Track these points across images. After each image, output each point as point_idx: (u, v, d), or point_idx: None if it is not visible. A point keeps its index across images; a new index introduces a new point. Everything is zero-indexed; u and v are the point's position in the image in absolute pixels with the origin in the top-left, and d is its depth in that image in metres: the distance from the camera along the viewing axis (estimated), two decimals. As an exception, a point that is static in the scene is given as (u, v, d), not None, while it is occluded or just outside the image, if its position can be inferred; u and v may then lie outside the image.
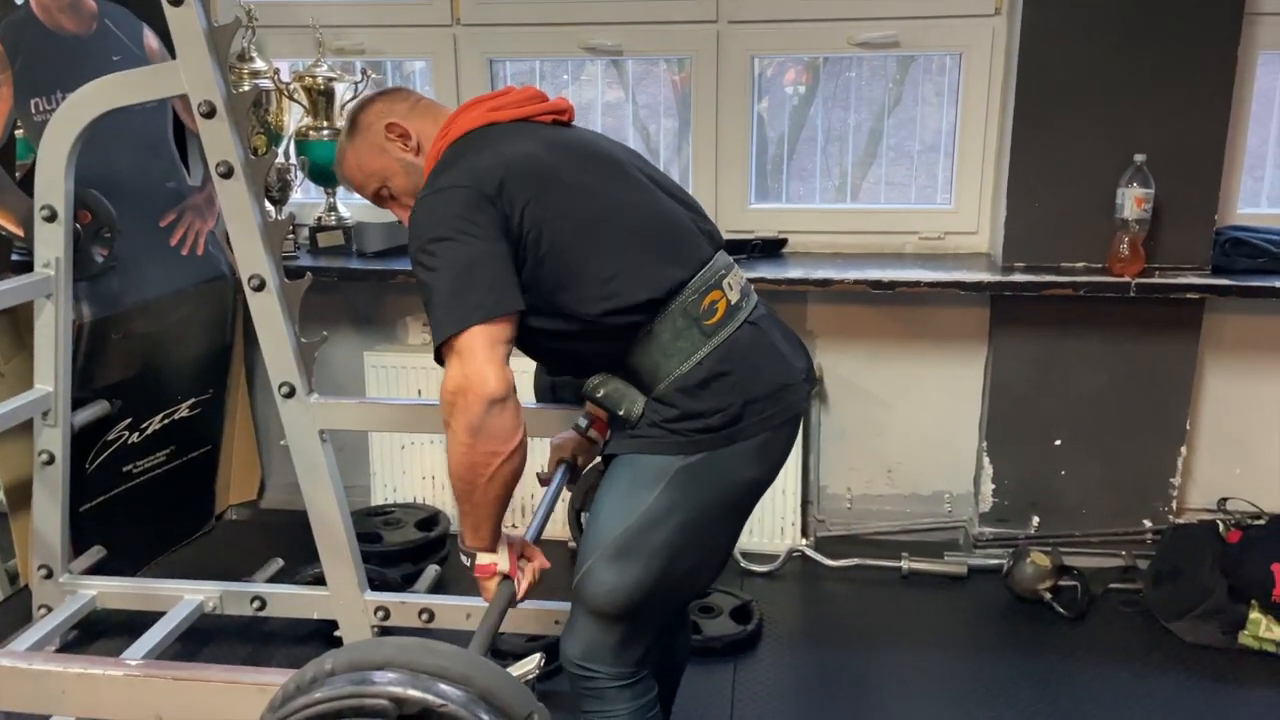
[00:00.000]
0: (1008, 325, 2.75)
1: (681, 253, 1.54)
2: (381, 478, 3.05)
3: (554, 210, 1.47)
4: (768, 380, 1.53)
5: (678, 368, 1.49)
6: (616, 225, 1.51)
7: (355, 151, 1.66)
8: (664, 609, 1.59)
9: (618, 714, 1.55)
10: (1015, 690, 2.30)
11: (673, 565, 1.50)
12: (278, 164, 2.83)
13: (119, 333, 2.50)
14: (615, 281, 1.48)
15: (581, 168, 1.54)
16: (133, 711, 1.34)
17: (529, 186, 1.47)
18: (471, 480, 1.41)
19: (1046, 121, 2.60)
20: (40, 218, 2.16)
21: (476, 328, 1.38)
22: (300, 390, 2.10)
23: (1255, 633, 2.41)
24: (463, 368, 1.37)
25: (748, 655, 2.44)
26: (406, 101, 1.66)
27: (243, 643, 2.49)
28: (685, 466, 1.48)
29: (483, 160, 1.48)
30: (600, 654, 1.53)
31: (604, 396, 1.54)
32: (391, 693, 1.09)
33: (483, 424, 1.36)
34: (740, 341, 1.53)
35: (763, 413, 1.51)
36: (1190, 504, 2.86)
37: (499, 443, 1.38)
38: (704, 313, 1.51)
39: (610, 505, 1.52)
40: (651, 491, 1.48)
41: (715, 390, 1.49)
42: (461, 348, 1.38)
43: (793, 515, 2.87)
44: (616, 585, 1.49)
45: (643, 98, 3.09)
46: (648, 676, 1.59)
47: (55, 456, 2.29)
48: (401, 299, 3.05)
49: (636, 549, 1.49)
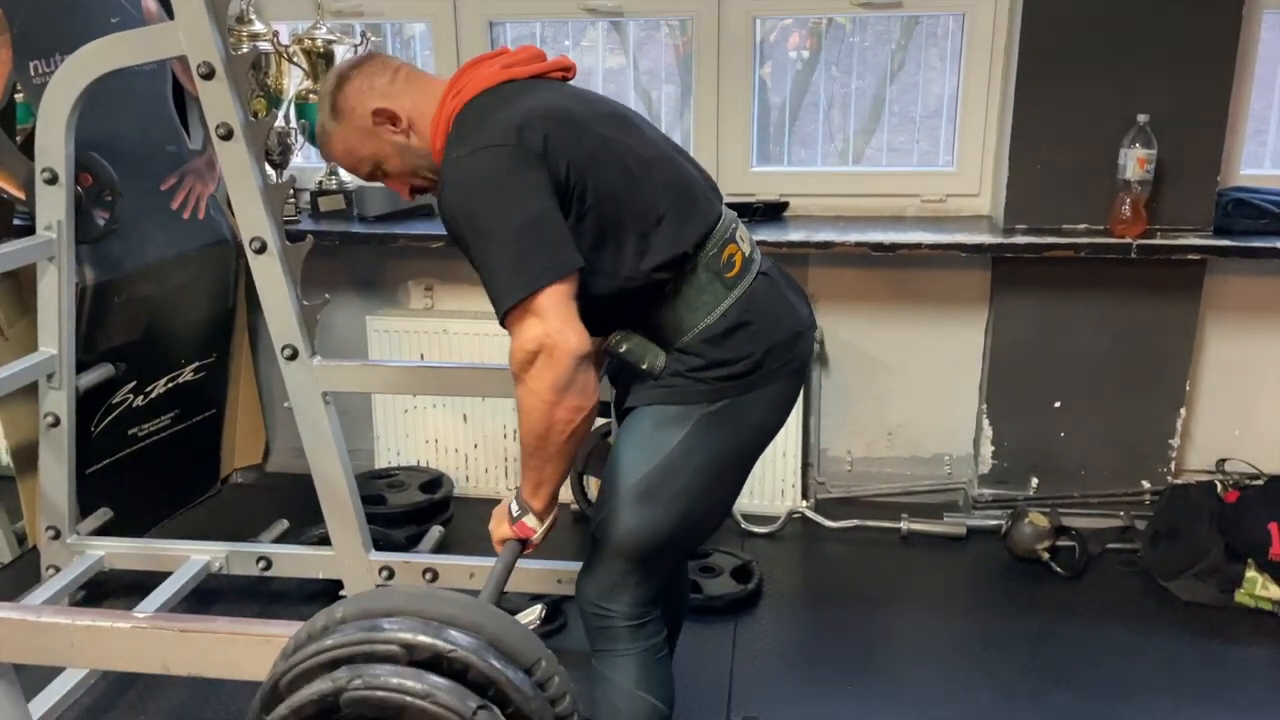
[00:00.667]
0: (1009, 287, 2.75)
1: (700, 208, 1.57)
2: (385, 441, 3.07)
3: (595, 165, 1.47)
4: (785, 328, 1.59)
5: (703, 320, 1.52)
6: (649, 180, 1.52)
7: (343, 137, 1.61)
8: (678, 551, 1.65)
9: (629, 653, 1.59)
10: (1013, 648, 2.33)
11: (692, 508, 1.55)
12: (278, 128, 2.83)
13: (122, 296, 2.50)
14: (651, 236, 1.50)
15: (610, 123, 1.54)
16: (140, 663, 1.36)
17: (571, 141, 1.46)
18: (549, 436, 1.43)
19: (1049, 82, 2.58)
20: (41, 180, 2.16)
21: (550, 287, 1.38)
22: (303, 352, 2.11)
23: (1251, 591, 2.43)
24: (544, 326, 1.37)
25: (748, 614, 2.47)
26: (384, 74, 1.59)
27: (249, 602, 2.52)
28: (708, 413, 1.52)
29: (520, 115, 1.46)
30: (616, 594, 1.57)
31: (626, 352, 1.56)
32: (402, 638, 1.10)
33: (571, 381, 1.38)
34: (758, 292, 1.57)
35: (781, 359, 1.56)
36: (1189, 465, 2.87)
37: (584, 398, 1.40)
38: (724, 265, 1.55)
39: (633, 450, 1.55)
40: (675, 436, 1.52)
41: (739, 339, 1.53)
42: (539, 308, 1.38)
43: (793, 477, 2.89)
44: (639, 527, 1.53)
45: (644, 63, 3.07)
46: (658, 618, 1.63)
47: (60, 419, 2.31)
48: (403, 263, 3.06)
49: (659, 492, 1.53)
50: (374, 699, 1.08)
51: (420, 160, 1.60)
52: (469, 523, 2.80)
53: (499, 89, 1.54)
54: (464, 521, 2.84)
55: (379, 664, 1.10)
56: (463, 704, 1.08)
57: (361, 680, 1.08)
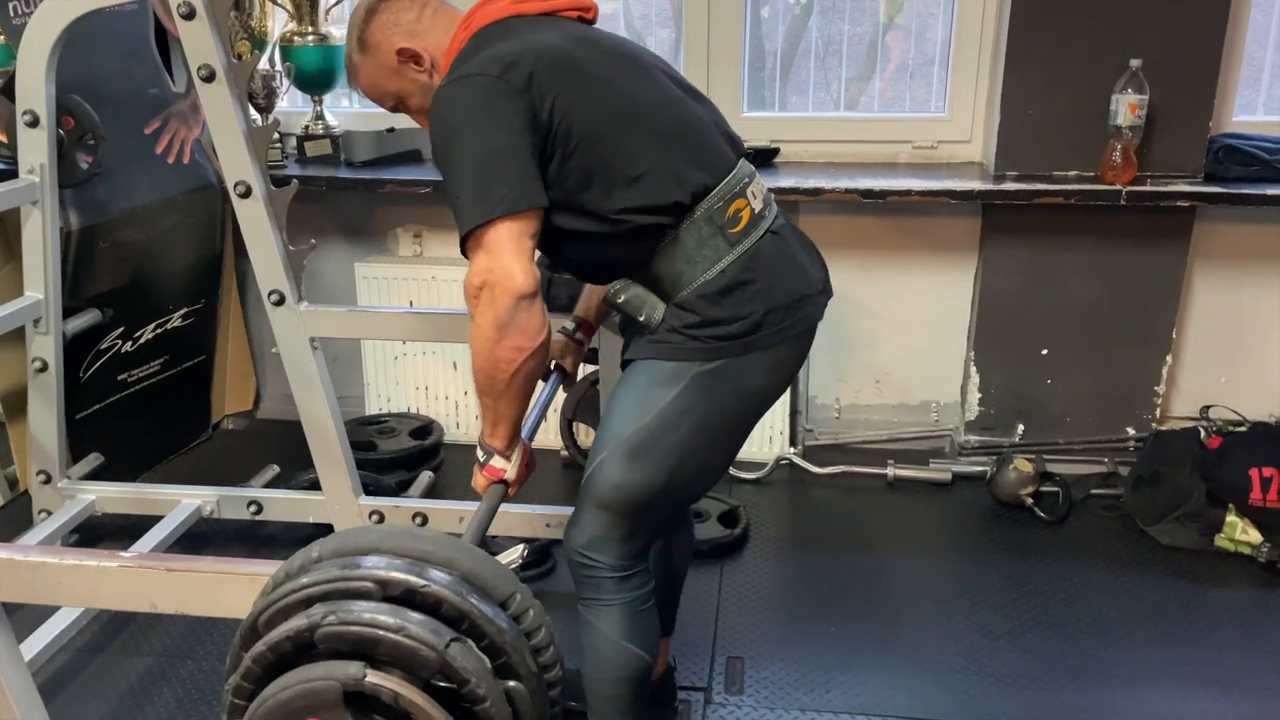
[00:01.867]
0: (998, 234, 2.75)
1: (707, 157, 1.53)
2: (375, 388, 3.08)
3: (583, 104, 1.45)
4: (788, 290, 1.54)
5: (701, 275, 1.50)
6: (645, 123, 1.49)
7: (369, 72, 1.63)
8: (667, 508, 1.63)
9: (614, 603, 1.59)
10: (996, 591, 2.36)
11: (681, 467, 1.53)
12: (262, 70, 2.80)
13: (107, 241, 2.49)
14: (643, 180, 1.47)
15: (610, 64, 1.52)
16: (128, 601, 1.38)
17: (558, 78, 1.44)
18: (493, 375, 1.44)
19: (1042, 28, 2.56)
20: (23, 123, 2.14)
21: (502, 222, 1.38)
22: (290, 298, 2.11)
23: (1231, 535, 2.46)
24: (489, 261, 1.38)
25: (734, 558, 2.50)
26: (412, 9, 1.59)
27: (240, 545, 2.54)
28: (702, 372, 1.50)
29: (509, 49, 1.45)
30: (602, 545, 1.57)
31: (625, 302, 1.55)
32: (376, 575, 1.12)
33: (511, 319, 1.38)
34: (763, 251, 1.53)
35: (781, 322, 1.52)
36: (1174, 412, 2.89)
37: (526, 338, 1.40)
38: (729, 220, 1.51)
39: (626, 404, 1.54)
40: (668, 394, 1.50)
41: (738, 298, 1.49)
42: (488, 241, 1.38)
43: (781, 424, 2.90)
44: (625, 481, 1.52)
45: (638, 8, 3.03)
46: (645, 570, 1.63)
47: (48, 364, 2.32)
48: (392, 209, 3.04)
49: (649, 448, 1.51)
50: (348, 634, 1.10)
51: None
52: (459, 468, 2.82)
53: (503, 23, 1.53)
54: (454, 467, 2.86)
55: (354, 600, 1.12)
56: (436, 637, 1.10)
57: (335, 616, 1.10)
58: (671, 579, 1.90)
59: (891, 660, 2.14)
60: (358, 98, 3.17)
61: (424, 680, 1.13)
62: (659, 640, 1.73)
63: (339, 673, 1.11)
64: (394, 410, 3.08)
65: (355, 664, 1.11)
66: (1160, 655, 2.15)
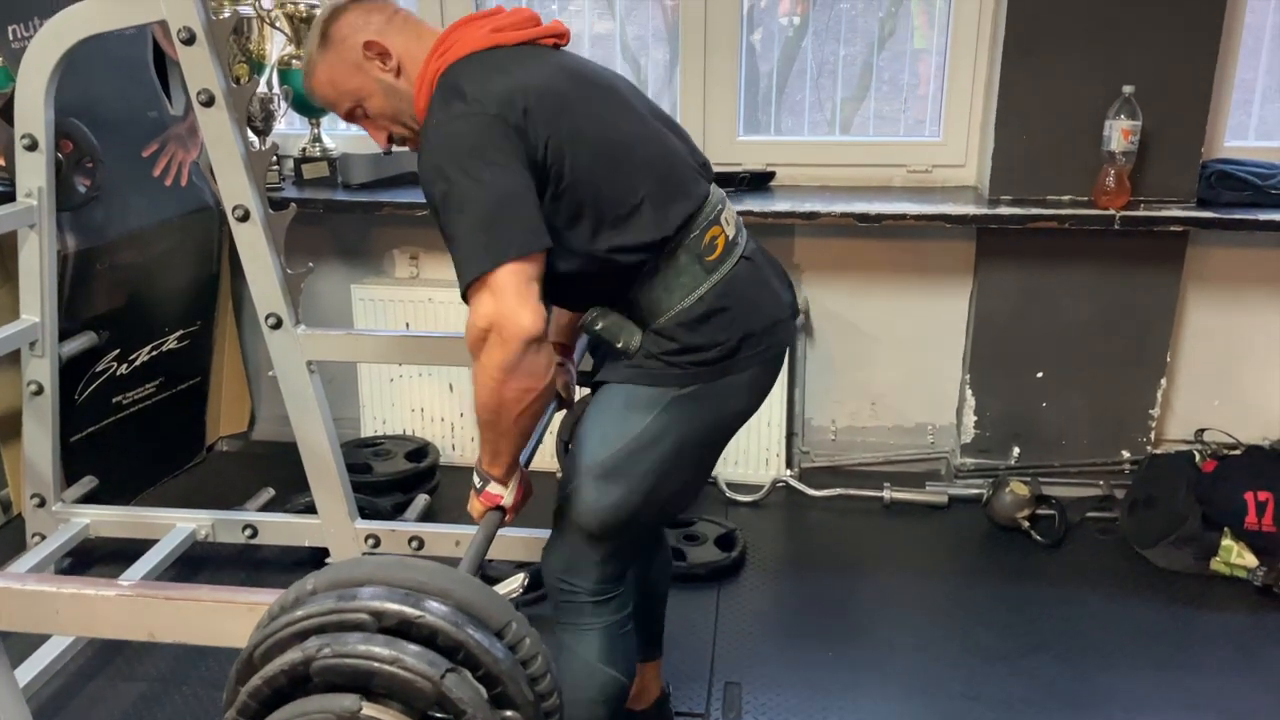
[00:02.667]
0: (993, 258, 2.76)
1: (685, 188, 1.54)
2: (371, 410, 3.07)
3: (574, 141, 1.44)
4: (763, 315, 1.56)
5: (679, 302, 1.50)
6: (631, 159, 1.49)
7: (328, 67, 1.57)
8: (642, 530, 1.63)
9: (593, 627, 1.60)
10: (993, 615, 2.36)
11: (656, 489, 1.54)
12: (261, 94, 2.80)
13: (104, 264, 2.49)
14: (632, 218, 1.47)
15: (594, 98, 1.51)
16: (126, 630, 1.37)
17: (551, 115, 1.42)
18: (499, 413, 1.42)
19: (1035, 53, 2.58)
20: (21, 146, 2.14)
21: (511, 264, 1.35)
22: (287, 321, 2.11)
23: (1227, 559, 2.47)
24: (497, 305, 1.35)
25: (731, 581, 2.50)
26: (384, 13, 1.57)
27: (235, 570, 2.53)
28: (679, 396, 1.51)
29: (503, 84, 1.43)
30: (580, 569, 1.57)
31: (602, 329, 1.54)
32: (371, 606, 1.11)
33: (519, 363, 1.36)
34: (739, 277, 1.54)
35: (756, 347, 1.54)
36: (1169, 435, 2.90)
37: (534, 380, 1.38)
38: (705, 248, 1.52)
39: (601, 428, 1.53)
40: (645, 418, 1.50)
41: (715, 325, 1.51)
42: (496, 285, 1.35)
43: (777, 446, 2.91)
44: (602, 504, 1.52)
45: (633, 29, 3.05)
46: (624, 594, 1.63)
47: (44, 387, 2.31)
48: (388, 231, 3.04)
49: (624, 471, 1.51)
50: (343, 666, 1.09)
51: (404, 105, 1.56)
52: (455, 491, 2.81)
53: (486, 54, 1.50)
54: (450, 490, 2.86)
55: (349, 632, 1.11)
56: (431, 668, 1.09)
57: (330, 648, 1.10)
58: (653, 601, 1.90)
59: (890, 685, 2.14)
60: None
61: (420, 712, 1.12)
62: (636, 663, 1.74)
63: (334, 706, 1.10)
64: (389, 432, 3.07)
65: (351, 697, 1.11)
66: (1157, 680, 2.15)
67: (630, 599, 1.65)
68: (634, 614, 1.72)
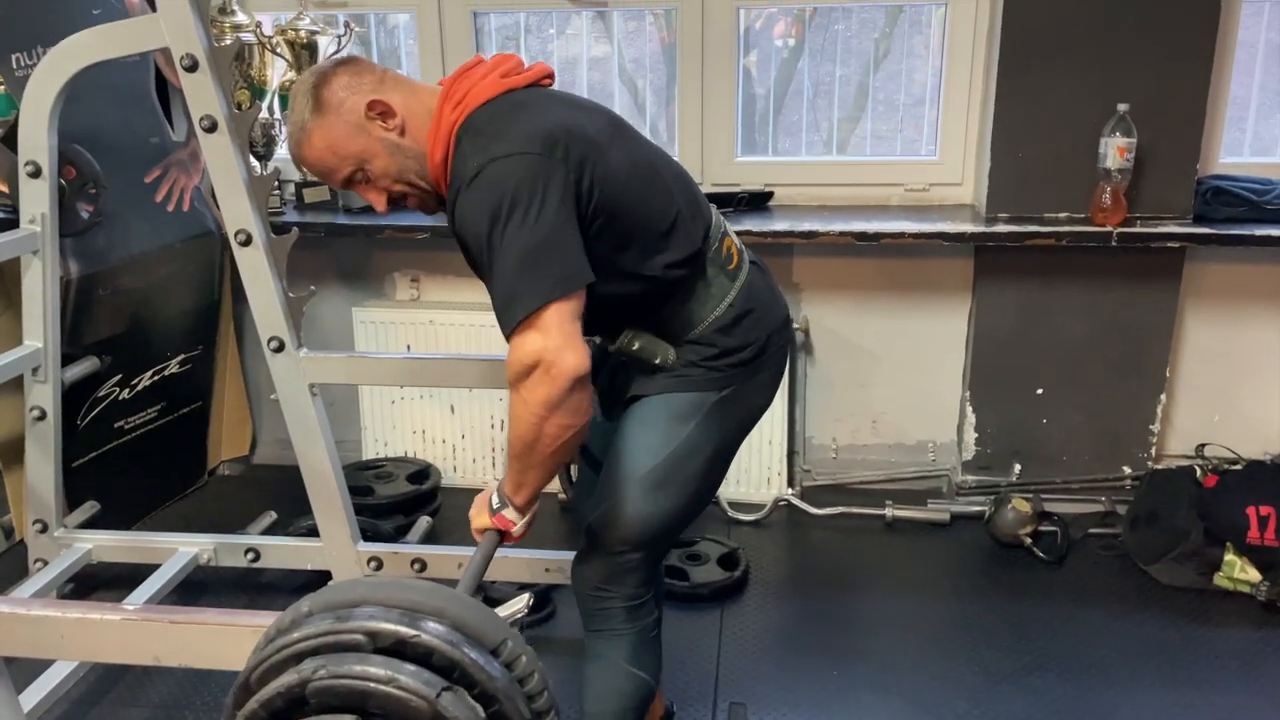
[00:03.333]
0: (991, 275, 2.77)
1: (699, 204, 1.63)
2: (372, 432, 3.08)
3: (613, 171, 1.48)
4: (778, 313, 1.68)
5: (713, 312, 1.58)
6: (661, 179, 1.56)
7: (326, 132, 1.52)
8: (679, 533, 1.70)
9: (627, 633, 1.64)
10: (996, 632, 2.36)
11: (700, 492, 1.62)
12: (262, 119, 2.83)
13: (106, 289, 2.50)
14: (672, 234, 1.54)
15: (613, 129, 1.56)
16: (130, 654, 1.37)
17: (588, 150, 1.46)
18: (534, 447, 1.44)
19: (1030, 72, 2.60)
20: (25, 174, 2.16)
21: (557, 303, 1.37)
22: (289, 344, 2.11)
23: (1230, 574, 2.46)
24: (545, 342, 1.36)
25: (734, 601, 2.49)
26: (373, 74, 1.54)
27: (238, 594, 2.53)
28: (719, 399, 1.59)
29: (537, 125, 1.44)
30: (620, 578, 1.61)
31: (639, 349, 1.59)
32: (365, 626, 1.12)
33: (565, 400, 1.38)
34: (754, 281, 1.65)
35: (779, 343, 1.66)
36: (1169, 451, 2.90)
37: (576, 418, 1.41)
38: (725, 259, 1.62)
39: (645, 439, 1.58)
40: (689, 424, 1.58)
41: (745, 326, 1.60)
42: (542, 323, 1.36)
43: (779, 465, 2.91)
44: (652, 514, 1.57)
45: (630, 52, 3.07)
46: (653, 598, 1.67)
47: (46, 412, 2.31)
48: (389, 255, 3.06)
49: (673, 479, 1.58)
50: (339, 688, 1.09)
51: (411, 162, 1.54)
52: (457, 513, 2.80)
53: (507, 97, 1.52)
54: (452, 512, 2.86)
55: (344, 653, 1.11)
56: (427, 687, 1.09)
57: (326, 670, 1.10)
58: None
59: (895, 704, 2.13)
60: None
61: (417, 731, 1.12)
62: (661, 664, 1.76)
63: (330, 728, 1.10)
64: (391, 455, 3.07)
65: (347, 718, 1.11)
66: (1163, 696, 2.14)
67: (656, 604, 1.70)
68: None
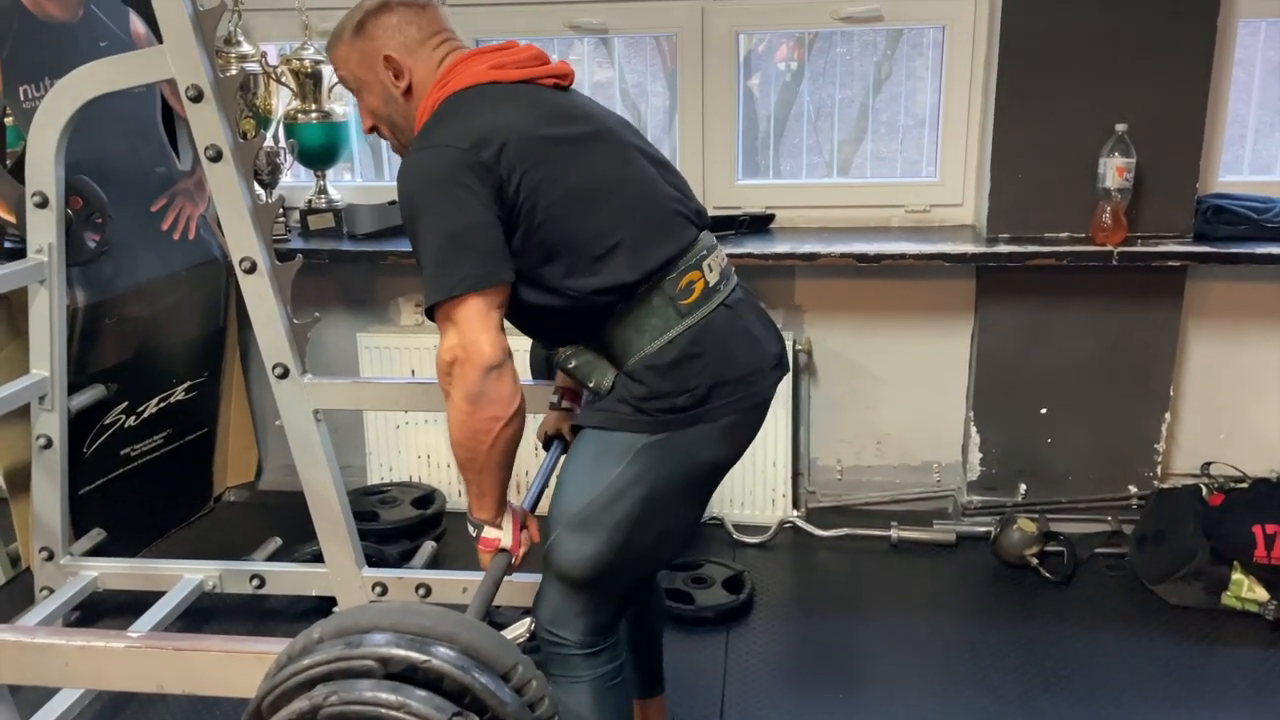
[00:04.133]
0: (993, 296, 2.78)
1: (668, 232, 1.53)
2: (377, 457, 3.08)
3: (550, 181, 1.46)
4: (740, 364, 1.54)
5: (649, 344, 1.50)
6: (610, 202, 1.50)
7: (350, 49, 1.60)
8: (627, 580, 1.60)
9: (581, 679, 1.58)
10: (1003, 654, 2.34)
11: (633, 538, 1.52)
12: (267, 147, 2.85)
13: (113, 317, 2.52)
14: (606, 260, 1.48)
15: (580, 139, 1.52)
16: (135, 682, 1.37)
17: (527, 154, 1.45)
18: (473, 447, 1.44)
19: (1028, 93, 2.62)
20: (32, 204, 2.18)
21: (469, 297, 1.40)
22: (294, 371, 2.12)
23: (1238, 593, 2.45)
24: (458, 336, 1.40)
25: (740, 624, 2.48)
26: (421, 29, 1.59)
27: (243, 620, 2.53)
28: (650, 444, 1.49)
29: (481, 122, 1.46)
30: (566, 620, 1.56)
31: (575, 368, 1.56)
32: (377, 653, 1.12)
33: (481, 391, 1.39)
34: (715, 323, 1.53)
35: (731, 395, 1.52)
36: (1175, 469, 2.89)
37: (499, 408, 1.41)
38: (680, 292, 1.51)
39: (575, 477, 1.54)
40: (616, 466, 1.50)
41: (685, 371, 1.49)
42: (456, 317, 1.40)
43: (784, 487, 2.91)
44: (579, 554, 1.51)
45: (632, 75, 3.10)
46: (614, 646, 1.61)
47: (53, 440, 2.32)
48: (393, 280, 3.07)
49: (599, 521, 1.50)
50: (350, 714, 1.09)
51: (399, 118, 1.61)
52: (461, 538, 2.78)
53: (481, 89, 1.53)
54: (457, 536, 2.85)
55: (356, 679, 1.11)
56: (438, 712, 1.09)
57: (338, 696, 1.10)
58: (651, 641, 1.88)
59: (901, 727, 2.12)
60: (360, 171, 3.23)
61: (430, 757, 1.12)
62: (630, 713, 1.73)
63: (344, 754, 1.10)
64: (396, 479, 3.08)
65: (359, 743, 1.11)
66: (1172, 718, 2.12)
67: (623, 651, 1.64)
68: (632, 652, 1.71)
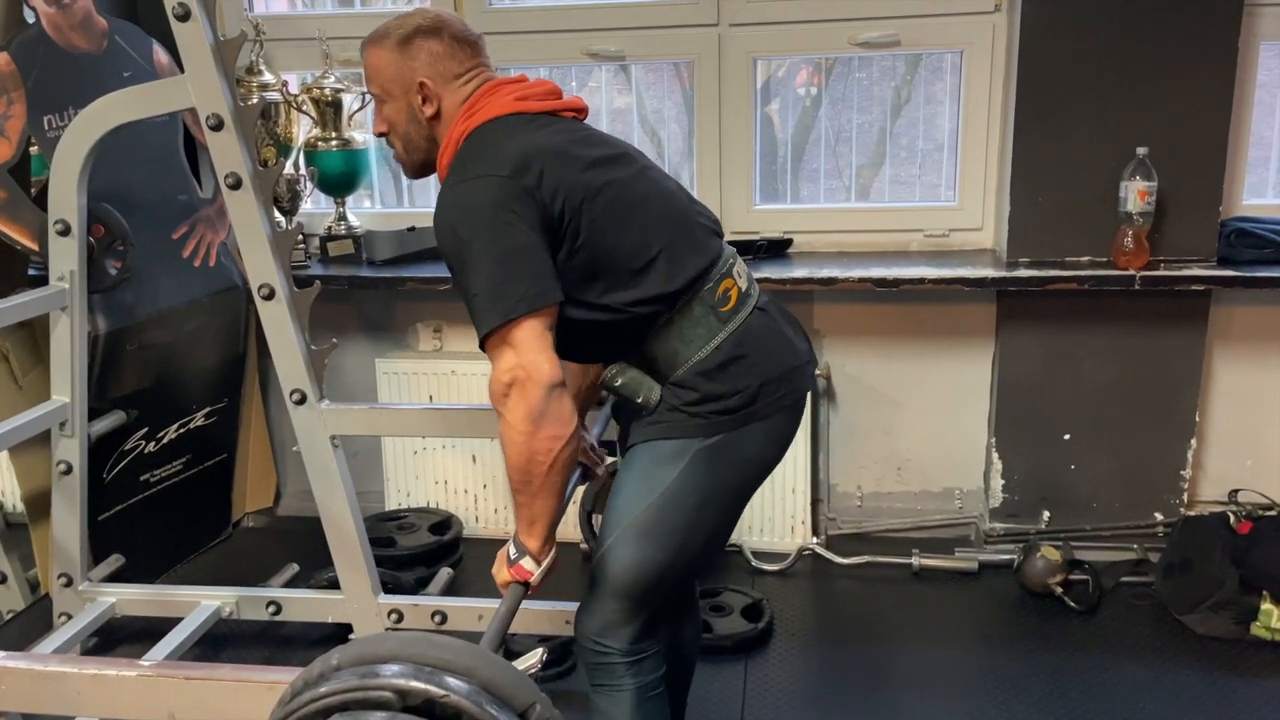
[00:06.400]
0: (1014, 320, 2.76)
1: (699, 243, 1.60)
2: (395, 483, 3.08)
3: (589, 202, 1.50)
4: (779, 362, 1.60)
5: (696, 353, 1.55)
6: (645, 216, 1.56)
7: (387, 55, 1.61)
8: (672, 583, 1.65)
9: (626, 688, 1.60)
10: (1027, 685, 2.30)
11: (688, 543, 1.57)
12: (287, 175, 2.87)
13: (134, 344, 2.54)
14: (645, 272, 1.53)
15: (609, 160, 1.58)
16: (147, 711, 1.37)
17: (566, 179, 1.50)
18: (530, 469, 1.46)
19: (1048, 117, 2.60)
20: (54, 232, 2.20)
21: (525, 319, 1.42)
22: (311, 397, 2.13)
23: (1267, 623, 2.40)
24: (517, 358, 1.42)
25: (759, 653, 2.46)
26: (465, 63, 1.61)
27: (259, 647, 2.52)
28: (704, 447, 1.54)
29: (518, 148, 1.50)
30: (615, 630, 1.59)
31: (622, 385, 1.59)
32: (395, 684, 1.11)
33: (544, 410, 1.41)
34: (753, 326, 1.59)
35: (775, 393, 1.58)
36: (1201, 496, 2.85)
37: (560, 427, 1.43)
38: (719, 300, 1.57)
39: (631, 487, 1.57)
40: (671, 472, 1.54)
41: (733, 373, 1.55)
42: (513, 339, 1.43)
43: (803, 514, 2.88)
44: (637, 563, 1.55)
45: (651, 102, 3.11)
46: (657, 654, 1.64)
47: (73, 466, 2.33)
48: (412, 305, 3.08)
49: (657, 528, 1.55)
50: (365, 746, 1.08)
51: (415, 137, 1.63)
52: (478, 564, 2.80)
53: (508, 120, 1.57)
54: (473, 563, 2.85)
55: (372, 710, 1.10)
56: (455, 749, 1.08)
57: (353, 727, 1.09)
58: (682, 671, 1.89)
59: (923, 759, 2.08)
60: (380, 198, 3.25)
61: (443, 793, 1.11)
62: None
63: (357, 786, 1.09)
64: (414, 505, 3.07)
65: (373, 775, 1.09)
66: (1201, 751, 2.08)
67: (663, 660, 1.66)
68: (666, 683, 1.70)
